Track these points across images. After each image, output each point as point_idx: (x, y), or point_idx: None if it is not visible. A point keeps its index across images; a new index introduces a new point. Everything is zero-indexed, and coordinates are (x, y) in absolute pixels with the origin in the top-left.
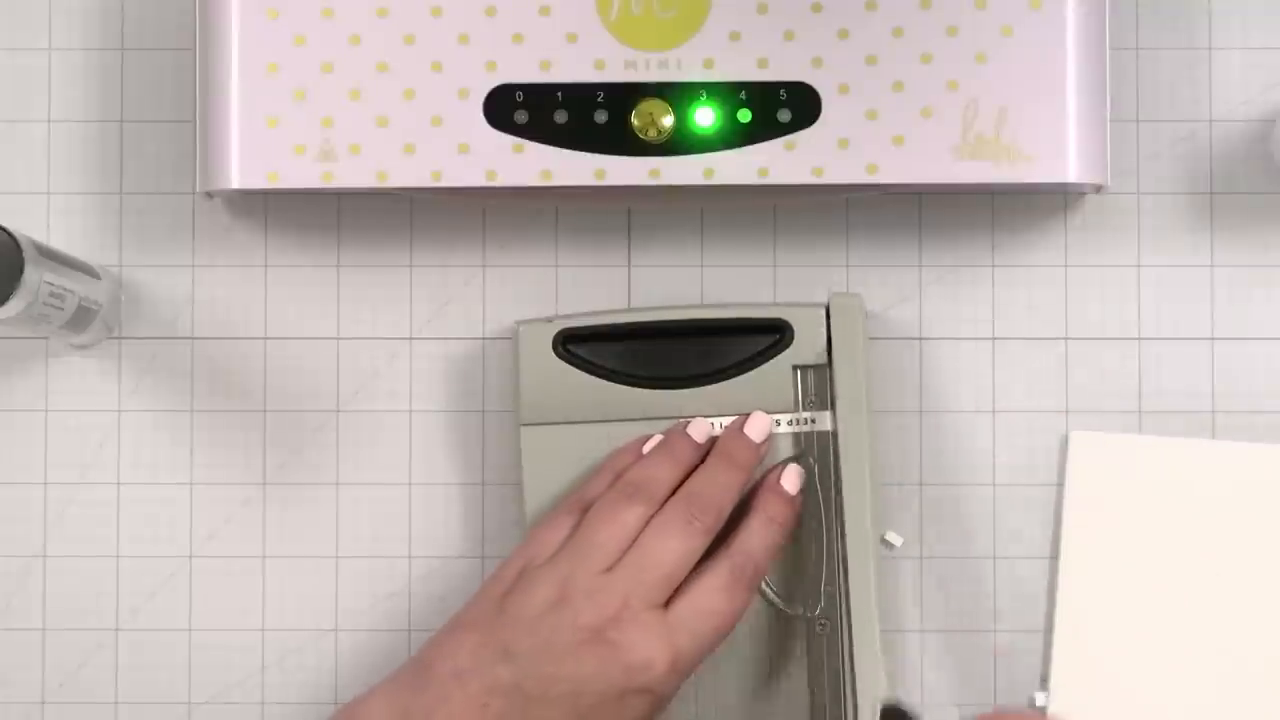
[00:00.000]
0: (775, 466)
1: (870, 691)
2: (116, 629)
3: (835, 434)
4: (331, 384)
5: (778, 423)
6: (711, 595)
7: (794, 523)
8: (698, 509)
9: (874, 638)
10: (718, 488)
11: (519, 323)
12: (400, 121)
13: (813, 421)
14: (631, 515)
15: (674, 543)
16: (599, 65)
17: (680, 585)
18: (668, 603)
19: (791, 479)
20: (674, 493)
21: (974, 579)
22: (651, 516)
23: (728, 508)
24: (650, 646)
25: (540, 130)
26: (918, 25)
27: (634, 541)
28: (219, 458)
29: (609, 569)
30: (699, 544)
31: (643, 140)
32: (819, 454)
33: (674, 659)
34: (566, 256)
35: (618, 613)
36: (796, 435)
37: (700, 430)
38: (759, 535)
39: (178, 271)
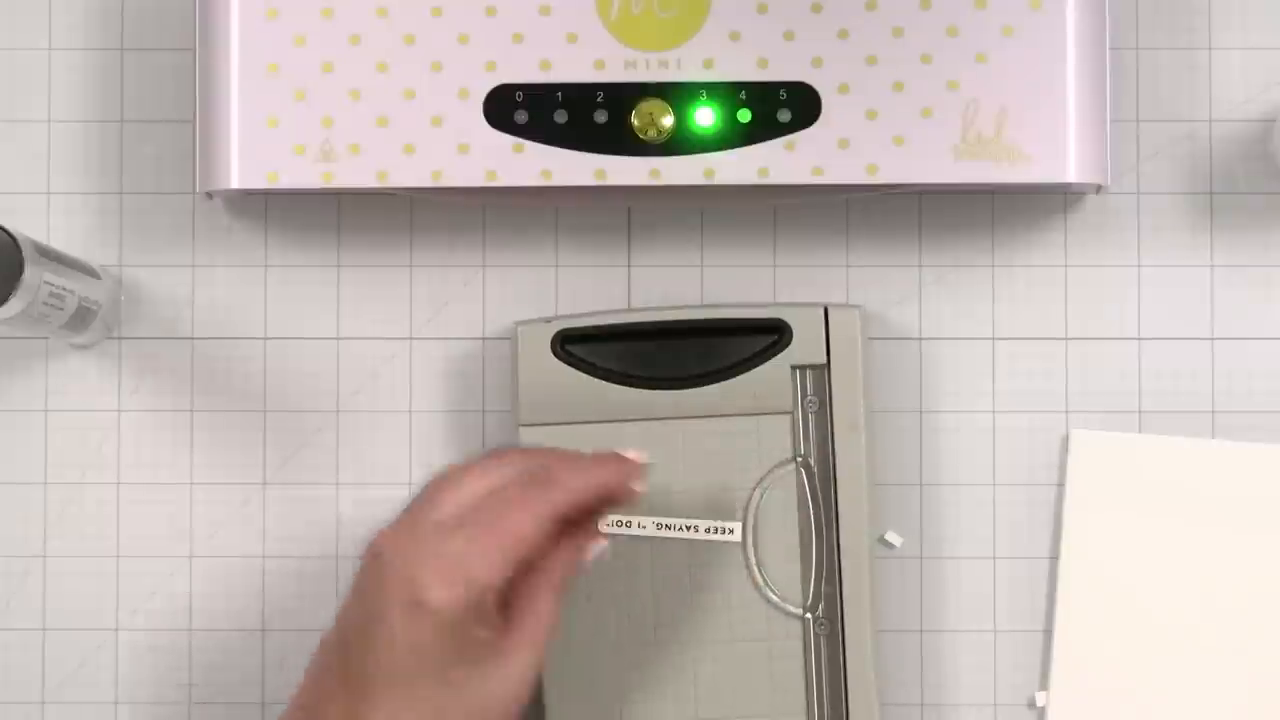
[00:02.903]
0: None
1: (863, 697)
2: (116, 629)
3: (833, 436)
4: (331, 384)
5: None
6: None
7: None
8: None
9: (866, 640)
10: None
11: (518, 323)
12: (400, 121)
13: (812, 422)
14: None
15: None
16: (599, 65)
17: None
18: None
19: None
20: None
21: (974, 579)
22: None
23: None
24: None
25: (540, 130)
26: (918, 25)
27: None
28: (219, 458)
29: None
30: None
31: (643, 140)
32: (818, 455)
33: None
34: (566, 256)
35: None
36: (795, 436)
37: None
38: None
39: (178, 271)
